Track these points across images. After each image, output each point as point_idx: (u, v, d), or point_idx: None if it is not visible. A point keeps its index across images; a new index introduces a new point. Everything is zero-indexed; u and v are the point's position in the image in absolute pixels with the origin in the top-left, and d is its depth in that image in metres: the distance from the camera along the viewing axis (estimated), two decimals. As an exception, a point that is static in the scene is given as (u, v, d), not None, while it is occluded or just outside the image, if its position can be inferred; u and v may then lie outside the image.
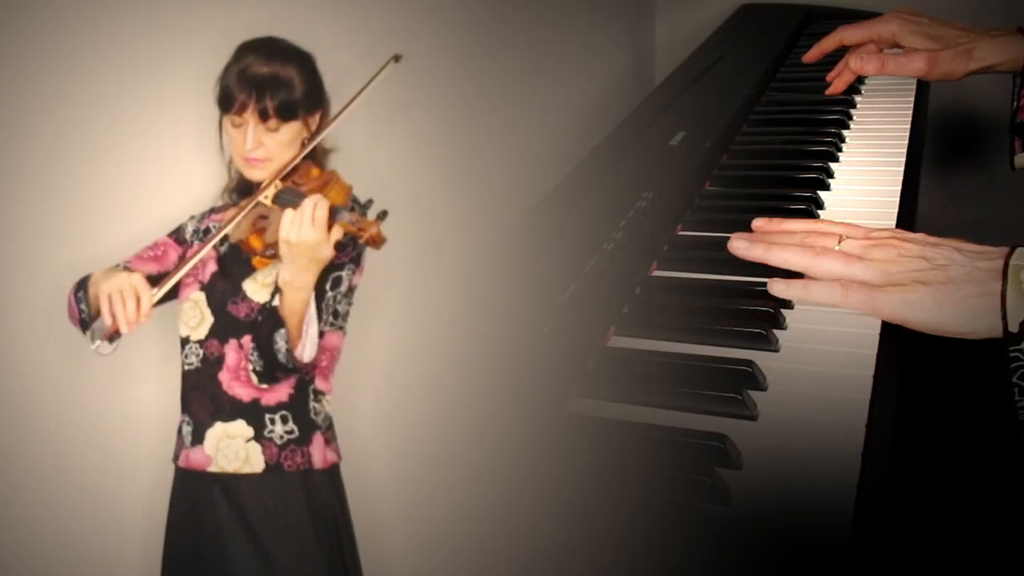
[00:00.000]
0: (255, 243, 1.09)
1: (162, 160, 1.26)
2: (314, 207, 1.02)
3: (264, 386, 1.14)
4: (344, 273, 1.14)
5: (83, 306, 1.12)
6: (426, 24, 1.47)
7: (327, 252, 1.05)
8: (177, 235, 1.21)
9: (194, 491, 1.16)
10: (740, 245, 0.99)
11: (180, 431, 1.17)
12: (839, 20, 2.09)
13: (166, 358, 1.23)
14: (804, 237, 0.97)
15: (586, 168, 1.28)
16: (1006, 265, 0.83)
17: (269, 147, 1.10)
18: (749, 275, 1.00)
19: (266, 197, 1.10)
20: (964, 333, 0.85)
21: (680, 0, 2.41)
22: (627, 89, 2.28)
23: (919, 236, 0.94)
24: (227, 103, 1.08)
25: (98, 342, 1.03)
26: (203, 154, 1.18)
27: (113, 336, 1.03)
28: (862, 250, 0.93)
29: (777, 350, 0.89)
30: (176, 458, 1.17)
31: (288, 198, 1.08)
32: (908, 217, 1.12)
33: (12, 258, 1.20)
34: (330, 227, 1.03)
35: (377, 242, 1.03)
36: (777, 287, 0.96)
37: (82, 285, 1.13)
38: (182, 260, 1.16)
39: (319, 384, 1.19)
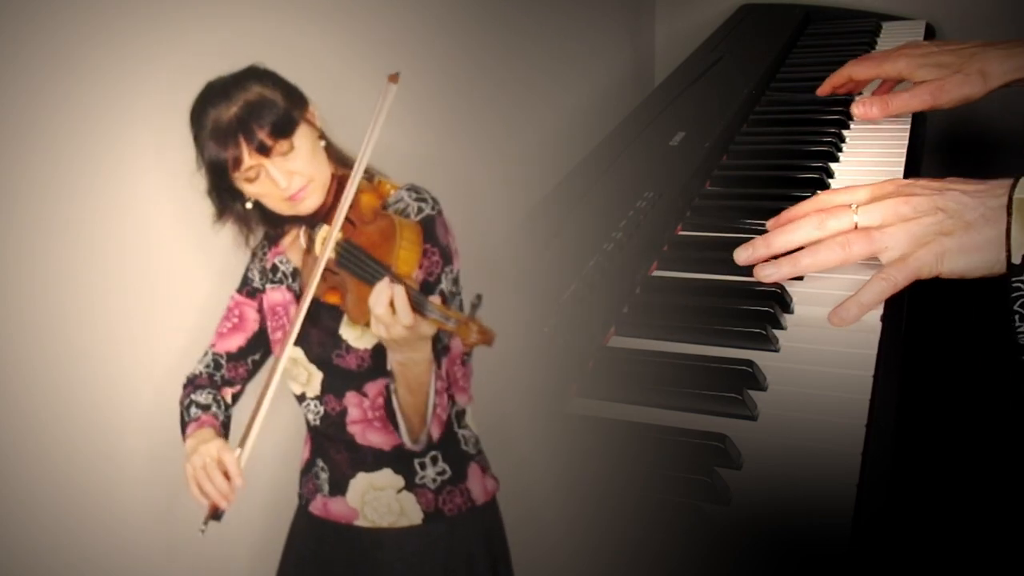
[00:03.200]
0: (333, 299, 0.94)
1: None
2: (390, 308, 0.84)
3: None
4: (443, 284, 0.97)
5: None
6: (424, 23, 1.46)
7: (430, 329, 0.87)
8: (247, 289, 1.06)
9: (336, 544, 1.03)
10: (764, 273, 0.98)
11: (312, 472, 1.05)
12: (839, 20, 2.10)
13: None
14: (817, 225, 0.96)
15: (586, 168, 1.28)
16: (1010, 200, 0.87)
17: (300, 169, 0.94)
18: (749, 275, 1.00)
19: (330, 254, 0.94)
20: (996, 272, 0.88)
21: (680, 0, 2.41)
22: (627, 89, 2.28)
23: (922, 183, 0.96)
24: (222, 167, 0.92)
25: (205, 526, 0.92)
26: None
27: (216, 514, 0.92)
28: (880, 217, 0.94)
29: (777, 350, 0.89)
30: (306, 503, 1.05)
31: (354, 267, 0.92)
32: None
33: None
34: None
35: (488, 340, 0.83)
36: (791, 267, 0.96)
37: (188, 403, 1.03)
38: (261, 314, 1.05)
39: (460, 400, 1.04)
